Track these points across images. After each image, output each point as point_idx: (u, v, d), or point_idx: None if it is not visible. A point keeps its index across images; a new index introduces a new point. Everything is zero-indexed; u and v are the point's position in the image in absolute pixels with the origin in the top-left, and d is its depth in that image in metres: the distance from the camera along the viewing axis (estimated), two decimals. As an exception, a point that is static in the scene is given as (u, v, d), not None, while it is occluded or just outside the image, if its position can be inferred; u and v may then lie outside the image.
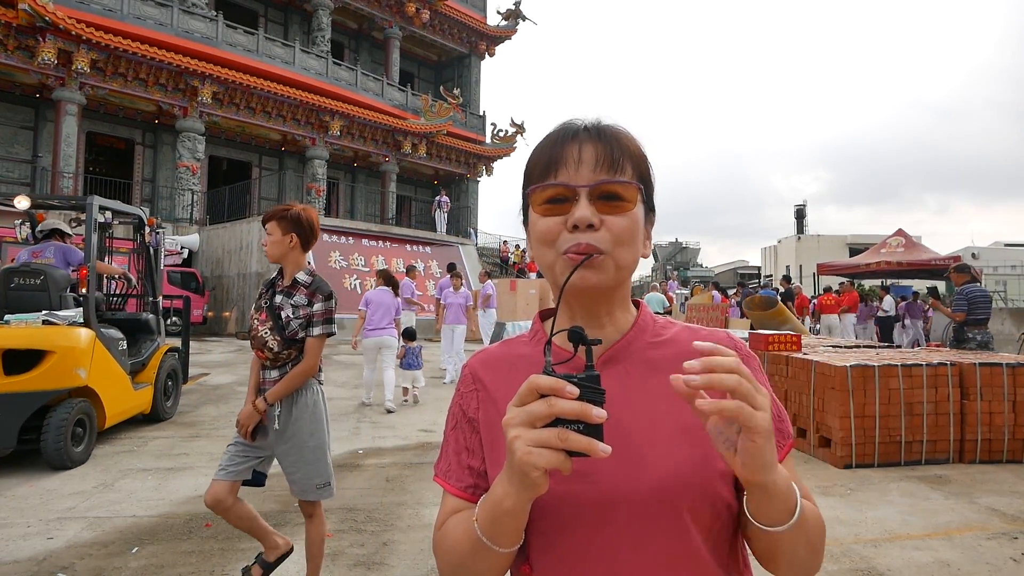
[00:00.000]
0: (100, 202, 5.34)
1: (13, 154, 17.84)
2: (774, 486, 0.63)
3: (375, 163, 24.91)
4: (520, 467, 0.58)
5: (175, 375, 6.49)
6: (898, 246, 15.34)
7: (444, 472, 0.83)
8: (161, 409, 6.05)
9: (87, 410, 4.75)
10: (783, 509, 0.65)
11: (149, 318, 6.34)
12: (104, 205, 5.56)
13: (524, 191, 0.81)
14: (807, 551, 0.70)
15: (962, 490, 4.24)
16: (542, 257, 0.78)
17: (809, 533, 0.70)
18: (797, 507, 0.66)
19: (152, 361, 6.02)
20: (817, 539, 0.72)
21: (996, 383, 4.95)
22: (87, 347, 4.79)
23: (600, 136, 0.77)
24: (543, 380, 0.59)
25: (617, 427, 0.70)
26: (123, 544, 3.21)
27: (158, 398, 5.98)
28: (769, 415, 0.60)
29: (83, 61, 16.58)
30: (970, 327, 7.13)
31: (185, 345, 7.14)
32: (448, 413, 0.87)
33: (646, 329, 0.82)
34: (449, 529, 0.77)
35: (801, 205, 48.87)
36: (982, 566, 3.04)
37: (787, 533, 0.66)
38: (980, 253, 37.51)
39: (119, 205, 5.98)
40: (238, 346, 13.80)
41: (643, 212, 0.78)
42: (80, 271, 5.21)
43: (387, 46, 25.90)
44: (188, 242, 17.43)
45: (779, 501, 0.65)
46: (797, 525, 0.66)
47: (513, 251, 25.52)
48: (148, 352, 6.03)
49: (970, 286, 7.41)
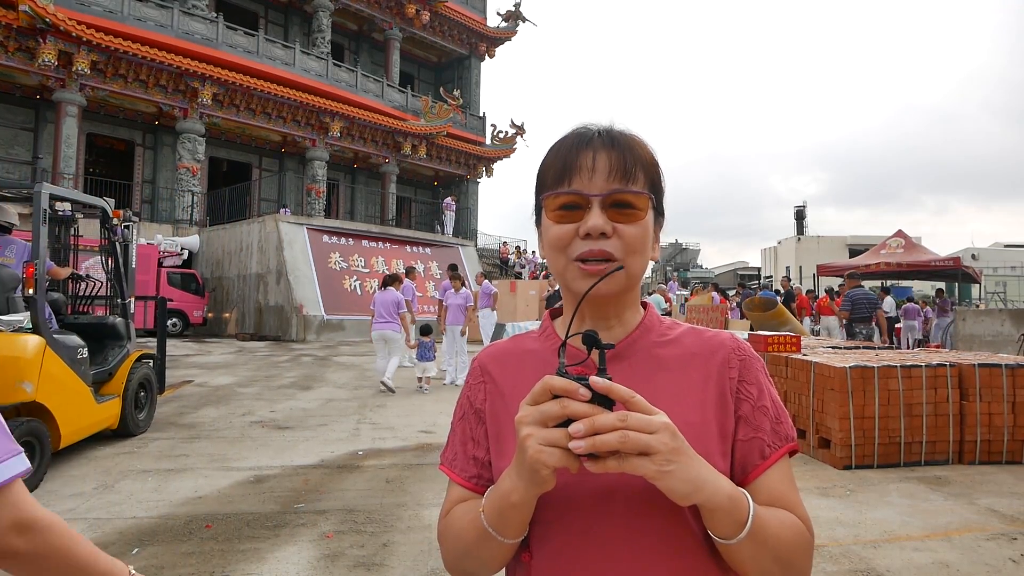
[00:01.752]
0: (51, 190, 4.76)
1: (13, 155, 17.85)
2: (709, 503, 0.65)
3: (375, 164, 24.93)
4: (531, 464, 0.61)
5: (148, 385, 5.85)
6: (898, 247, 15.34)
7: (450, 461, 0.86)
8: (132, 423, 5.41)
9: (36, 430, 4.10)
10: (728, 523, 0.66)
11: (117, 322, 5.68)
12: (57, 195, 5.02)
13: (537, 196, 0.83)
14: (777, 566, 0.70)
15: (961, 491, 4.24)
16: (554, 262, 0.80)
17: (775, 548, 0.69)
18: (748, 521, 0.67)
19: (120, 370, 5.41)
20: (790, 555, 0.71)
21: (995, 384, 4.95)
22: (34, 357, 4.17)
23: (614, 144, 0.78)
24: (557, 381, 0.61)
25: None
26: (123, 545, 3.21)
27: (128, 411, 5.35)
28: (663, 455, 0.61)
29: (83, 63, 16.61)
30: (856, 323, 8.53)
31: (161, 351, 6.43)
32: (456, 404, 0.90)
33: (653, 328, 0.84)
34: (455, 518, 0.80)
35: (801, 206, 48.92)
36: (981, 567, 3.04)
37: (741, 546, 0.67)
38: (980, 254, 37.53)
39: (76, 195, 5.42)
40: (238, 347, 13.81)
41: (653, 217, 0.80)
42: (27, 269, 4.62)
43: (387, 47, 25.93)
44: (188, 243, 17.46)
45: (721, 516, 0.66)
46: (750, 538, 0.67)
47: (513, 253, 25.51)
48: (115, 360, 5.40)
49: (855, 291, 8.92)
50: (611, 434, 0.59)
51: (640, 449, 0.60)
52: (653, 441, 0.61)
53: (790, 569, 0.71)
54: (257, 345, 14.30)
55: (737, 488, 0.69)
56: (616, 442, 0.59)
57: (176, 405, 6.98)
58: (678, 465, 0.62)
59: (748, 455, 0.77)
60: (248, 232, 16.99)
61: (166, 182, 20.07)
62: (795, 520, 0.73)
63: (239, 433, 5.75)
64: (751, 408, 0.78)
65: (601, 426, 0.60)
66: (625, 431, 0.60)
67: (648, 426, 0.61)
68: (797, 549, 0.72)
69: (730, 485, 0.68)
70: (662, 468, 0.61)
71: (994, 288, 30.62)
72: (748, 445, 0.77)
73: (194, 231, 18.42)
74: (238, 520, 3.57)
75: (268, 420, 6.34)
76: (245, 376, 9.32)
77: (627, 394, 0.62)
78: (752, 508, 0.68)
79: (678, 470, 0.62)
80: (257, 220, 17.13)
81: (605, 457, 0.61)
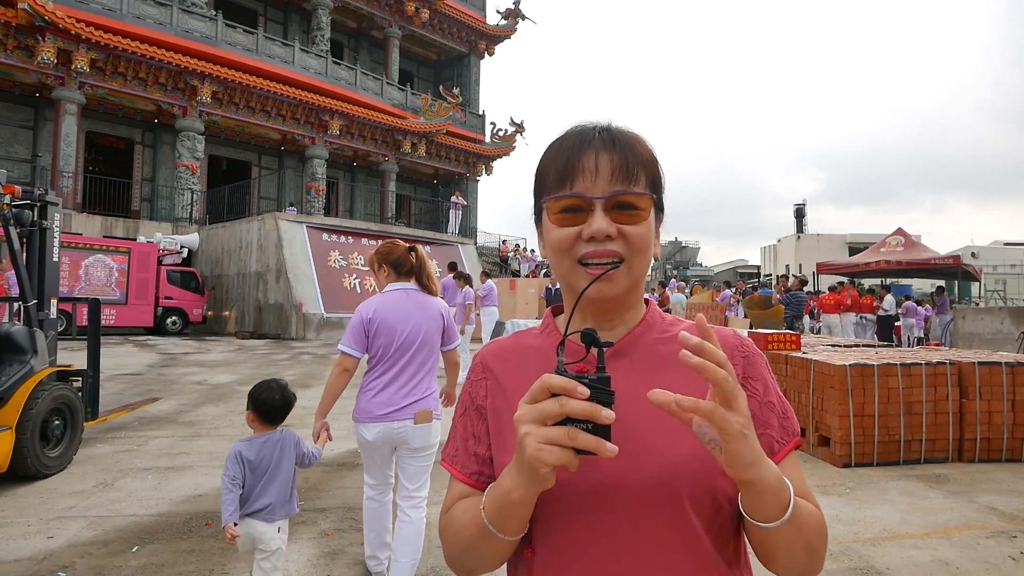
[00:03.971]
0: None
1: (13, 153, 17.83)
2: (761, 481, 0.64)
3: (375, 162, 24.91)
4: (530, 463, 0.61)
5: (69, 410, 4.59)
6: (897, 245, 15.34)
7: (451, 457, 0.86)
8: (35, 461, 4.18)
9: None
10: (774, 505, 0.66)
11: (14, 330, 4.45)
12: None
13: (538, 197, 0.82)
14: (805, 552, 0.70)
15: (961, 489, 4.25)
16: (558, 265, 0.79)
17: (807, 534, 0.70)
18: (790, 504, 0.67)
19: (17, 393, 4.21)
20: (817, 541, 0.72)
21: (995, 382, 4.95)
22: None
23: (614, 144, 0.77)
24: (555, 380, 0.61)
25: (621, 418, 0.71)
26: (123, 543, 3.22)
27: (27, 447, 4.12)
28: (744, 418, 0.61)
29: (82, 60, 16.58)
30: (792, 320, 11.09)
31: (93, 365, 5.00)
32: (458, 400, 0.90)
33: (654, 325, 0.83)
34: (456, 515, 0.80)
35: (801, 204, 48.90)
36: (981, 565, 3.04)
37: (781, 530, 0.67)
38: (979, 252, 37.54)
39: None
40: (238, 345, 13.81)
41: (655, 215, 0.80)
42: None
43: (387, 45, 25.90)
44: (188, 241, 17.45)
45: (769, 497, 0.65)
46: (791, 522, 0.67)
47: (512, 252, 25.50)
48: (10, 381, 4.23)
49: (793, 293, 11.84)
50: (718, 369, 0.59)
51: (729, 405, 0.60)
52: (741, 402, 0.61)
53: (814, 555, 0.72)
54: (257, 343, 14.29)
55: (780, 472, 0.68)
56: (721, 377, 0.59)
57: (176, 404, 6.97)
58: (752, 434, 0.62)
59: None
60: (248, 230, 16.98)
61: (165, 180, 20.05)
62: (816, 509, 0.74)
63: (239, 431, 5.75)
64: (758, 404, 0.78)
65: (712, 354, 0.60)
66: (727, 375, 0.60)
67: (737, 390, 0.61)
68: (821, 536, 0.73)
69: (777, 468, 0.67)
70: (743, 430, 0.60)
71: (994, 286, 30.64)
72: None
73: (193, 229, 18.41)
74: (238, 518, 3.57)
75: (268, 418, 6.33)
76: (245, 374, 9.32)
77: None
78: (793, 493, 0.68)
79: (752, 438, 0.62)
80: (256, 218, 17.11)
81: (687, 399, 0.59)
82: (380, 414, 2.66)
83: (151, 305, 15.76)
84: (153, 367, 9.87)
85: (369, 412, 2.67)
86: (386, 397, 2.68)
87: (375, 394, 2.69)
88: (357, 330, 2.69)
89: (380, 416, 2.66)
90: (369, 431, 2.66)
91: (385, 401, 2.67)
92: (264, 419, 2.35)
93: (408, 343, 2.72)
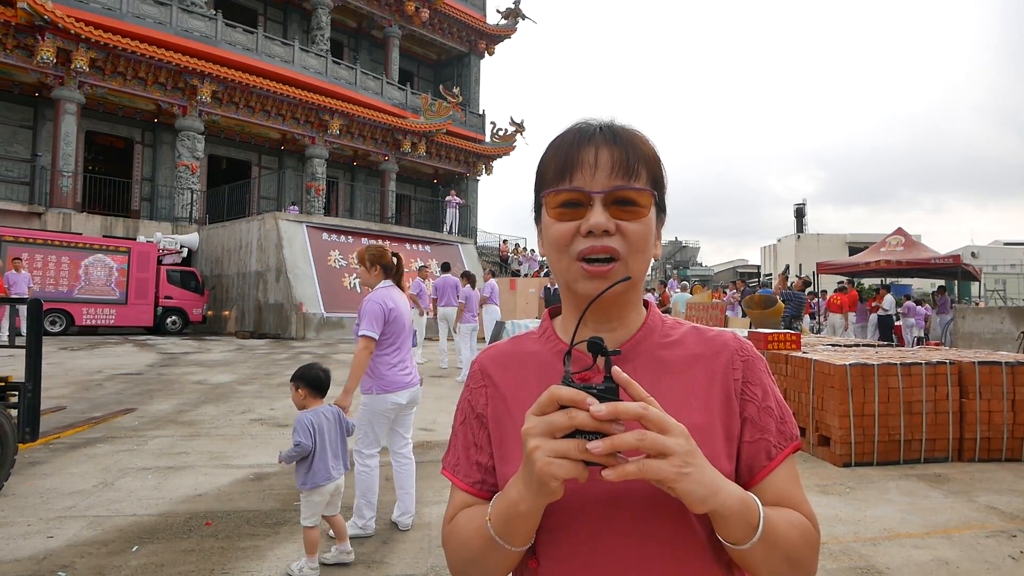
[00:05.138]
0: None
1: (12, 153, 17.83)
2: (724, 509, 0.64)
3: (375, 162, 24.91)
4: (540, 476, 0.60)
5: None
6: (898, 245, 15.33)
7: (452, 466, 0.84)
8: None
9: None
10: (742, 527, 0.66)
11: None
12: None
13: (537, 192, 0.81)
14: (787, 565, 0.70)
15: (961, 488, 4.25)
16: (556, 262, 0.78)
17: (785, 549, 0.69)
18: (759, 526, 0.66)
19: None
20: (800, 553, 0.71)
21: (995, 382, 4.95)
22: None
23: (616, 139, 0.76)
24: (564, 392, 0.60)
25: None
26: (123, 543, 3.22)
27: None
28: (680, 456, 0.60)
29: (82, 60, 16.57)
30: (791, 319, 11.08)
31: (32, 377, 4.03)
32: (457, 407, 0.88)
33: (655, 329, 0.82)
34: (460, 525, 0.79)
35: (801, 204, 48.88)
36: (981, 564, 3.04)
37: (755, 550, 0.67)
38: (979, 252, 37.55)
39: None
40: (238, 345, 13.80)
41: (655, 214, 0.78)
42: None
43: (387, 45, 25.89)
44: (188, 241, 17.44)
45: (734, 522, 0.65)
46: (763, 542, 0.67)
47: (512, 251, 25.49)
48: None
49: (793, 292, 11.86)
50: (629, 434, 0.59)
51: (658, 450, 0.60)
52: (671, 442, 0.60)
53: (799, 568, 0.71)
54: (257, 343, 14.29)
55: (745, 492, 0.68)
56: (634, 441, 0.59)
57: (176, 403, 6.97)
58: (695, 468, 0.61)
59: (755, 456, 0.76)
60: (248, 230, 16.97)
61: (165, 180, 20.05)
62: (802, 519, 0.74)
63: (239, 431, 5.75)
64: (756, 409, 0.78)
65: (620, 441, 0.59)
66: (643, 431, 0.59)
67: (665, 426, 0.60)
68: (805, 547, 0.72)
69: (740, 490, 0.67)
70: (681, 470, 0.60)
71: (994, 286, 30.66)
72: (754, 446, 0.76)
73: (193, 229, 18.40)
74: (238, 518, 3.58)
75: (268, 418, 6.35)
76: (245, 374, 9.31)
77: (643, 394, 0.62)
78: (762, 511, 0.68)
79: (696, 473, 0.61)
80: (256, 218, 17.10)
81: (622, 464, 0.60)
82: (408, 381, 3.40)
83: (151, 305, 15.75)
84: (153, 367, 9.86)
85: (400, 382, 3.36)
86: (407, 368, 3.42)
87: (399, 368, 3.37)
88: (379, 317, 3.29)
89: (408, 383, 3.40)
90: (402, 396, 3.37)
91: (408, 371, 3.42)
92: (315, 392, 2.95)
93: (408, 327, 3.46)
